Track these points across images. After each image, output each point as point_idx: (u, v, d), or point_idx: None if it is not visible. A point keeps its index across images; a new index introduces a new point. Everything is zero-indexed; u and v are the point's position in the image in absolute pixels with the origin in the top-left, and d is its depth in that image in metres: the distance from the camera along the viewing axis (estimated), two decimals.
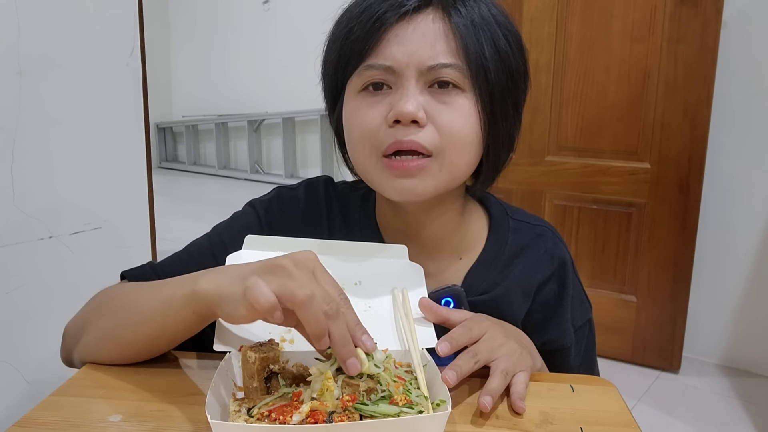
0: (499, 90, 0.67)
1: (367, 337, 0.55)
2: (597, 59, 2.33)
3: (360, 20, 0.66)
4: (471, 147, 0.67)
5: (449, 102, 0.66)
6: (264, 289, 0.51)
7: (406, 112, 0.63)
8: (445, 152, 0.66)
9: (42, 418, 0.57)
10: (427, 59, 0.64)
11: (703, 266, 2.41)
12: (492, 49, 0.66)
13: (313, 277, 0.54)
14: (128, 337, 0.65)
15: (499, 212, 0.81)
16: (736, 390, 2.25)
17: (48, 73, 1.32)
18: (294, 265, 0.54)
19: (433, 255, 0.77)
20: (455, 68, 0.65)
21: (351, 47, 0.67)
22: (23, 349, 1.34)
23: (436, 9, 0.66)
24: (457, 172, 0.68)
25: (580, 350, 0.82)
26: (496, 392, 0.59)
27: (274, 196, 0.82)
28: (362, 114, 0.67)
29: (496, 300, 0.75)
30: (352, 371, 0.53)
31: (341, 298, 0.55)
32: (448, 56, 0.65)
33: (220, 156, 7.18)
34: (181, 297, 0.60)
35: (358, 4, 0.68)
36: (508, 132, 0.70)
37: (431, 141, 0.65)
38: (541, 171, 2.51)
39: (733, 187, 2.35)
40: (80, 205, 1.42)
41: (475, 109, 0.66)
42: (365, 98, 0.67)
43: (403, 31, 0.65)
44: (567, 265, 0.80)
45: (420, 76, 0.65)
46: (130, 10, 1.48)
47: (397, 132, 0.65)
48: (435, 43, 0.64)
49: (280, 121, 6.25)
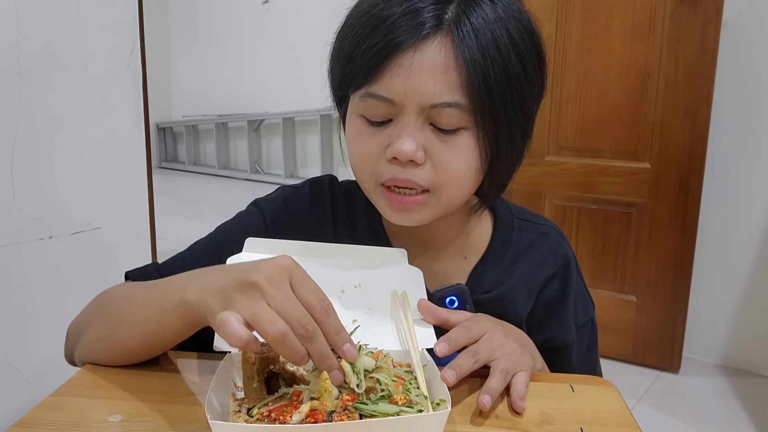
0: (506, 123, 0.65)
1: (349, 347, 0.53)
2: (597, 59, 2.33)
3: (367, 44, 0.62)
4: (470, 182, 0.67)
5: (450, 141, 0.64)
6: (235, 327, 0.49)
7: (404, 152, 0.62)
8: (443, 189, 0.66)
9: (42, 418, 0.57)
10: (430, 96, 0.61)
11: (703, 266, 2.41)
12: (501, 80, 0.62)
13: (289, 291, 0.52)
14: (123, 342, 0.65)
15: (504, 211, 0.81)
16: (736, 390, 2.25)
17: (48, 73, 1.32)
18: (268, 282, 0.51)
19: (438, 255, 0.77)
20: (458, 108, 0.62)
21: (355, 70, 0.64)
22: (23, 349, 1.34)
23: (446, 36, 0.61)
24: (455, 202, 0.69)
25: (582, 349, 0.82)
26: (495, 391, 0.59)
27: (279, 195, 0.82)
28: (362, 142, 0.67)
29: (500, 298, 0.75)
30: (335, 383, 0.52)
31: (322, 306, 0.53)
32: (453, 93, 0.61)
33: (220, 156, 7.18)
34: (171, 307, 0.59)
35: (368, 14, 0.63)
36: (516, 153, 0.69)
37: (428, 179, 0.65)
38: (541, 171, 2.51)
39: (733, 187, 2.35)
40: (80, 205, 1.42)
41: (476, 146, 0.65)
42: (365, 126, 0.66)
43: (408, 61, 0.61)
44: (571, 263, 0.80)
45: (421, 111, 0.63)
46: (130, 10, 1.48)
47: (394, 169, 0.65)
48: (439, 78, 0.61)
49: (280, 121, 6.25)
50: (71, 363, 0.73)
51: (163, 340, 0.63)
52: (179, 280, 0.61)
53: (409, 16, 0.61)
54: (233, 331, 0.49)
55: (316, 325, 0.52)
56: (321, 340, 0.52)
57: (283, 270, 0.53)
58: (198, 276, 0.59)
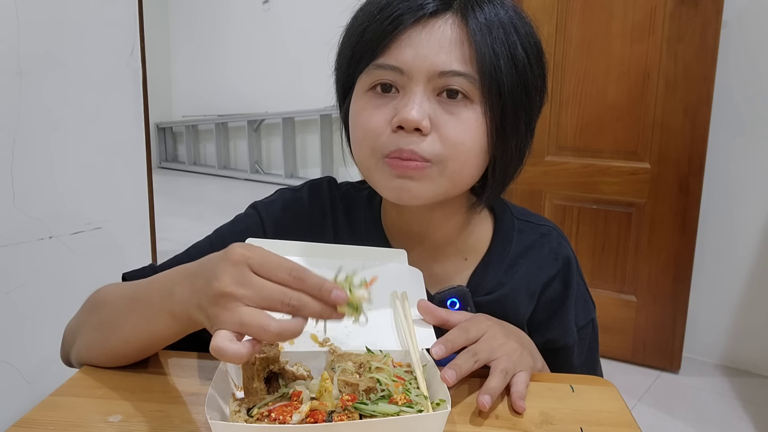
0: (512, 104, 0.65)
1: (336, 293, 0.51)
2: (597, 59, 2.33)
3: (376, 19, 0.65)
4: (475, 159, 0.66)
5: (456, 113, 0.64)
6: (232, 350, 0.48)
7: (410, 119, 0.62)
8: (447, 161, 0.65)
9: (42, 418, 0.57)
10: (440, 65, 0.63)
11: (703, 266, 2.41)
12: (508, 62, 0.64)
13: (257, 282, 0.51)
14: (118, 349, 0.65)
15: (504, 212, 0.81)
16: (736, 390, 2.25)
17: (48, 73, 1.32)
18: (235, 284, 0.50)
19: (438, 256, 0.77)
20: (467, 78, 0.63)
21: (364, 45, 0.66)
22: (23, 349, 1.34)
23: (455, 14, 0.64)
24: (458, 180, 0.67)
25: (583, 349, 0.82)
26: (495, 391, 0.59)
27: (278, 197, 0.82)
28: (367, 115, 0.67)
29: (501, 300, 0.75)
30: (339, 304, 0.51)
31: (293, 275, 0.51)
32: (462, 64, 0.63)
33: (220, 156, 7.18)
34: (161, 318, 0.59)
35: (376, 2, 0.66)
36: (519, 147, 0.69)
37: (432, 150, 0.64)
38: (540, 171, 2.51)
39: (733, 187, 2.35)
40: (80, 205, 1.42)
41: (483, 122, 0.64)
42: (372, 99, 0.67)
43: (417, 34, 0.63)
44: (572, 264, 0.80)
45: (429, 81, 0.63)
46: (130, 10, 1.48)
47: (399, 139, 0.64)
48: (449, 50, 0.63)
49: (280, 121, 6.25)
50: (68, 364, 0.73)
51: (158, 344, 0.64)
52: (159, 290, 0.60)
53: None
54: (232, 354, 0.48)
55: (299, 294, 0.51)
56: (309, 303, 0.51)
57: (239, 265, 0.51)
58: (174, 286, 0.58)
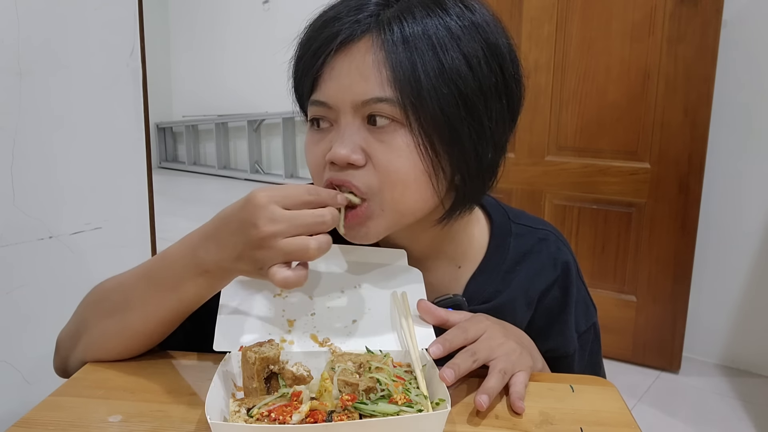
0: (445, 121, 0.61)
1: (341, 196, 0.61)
2: (597, 59, 2.33)
3: (306, 54, 0.65)
4: (415, 184, 0.63)
5: (387, 140, 0.61)
6: (295, 274, 0.56)
7: (338, 156, 0.61)
8: (383, 193, 0.62)
9: (42, 418, 0.57)
10: (360, 93, 0.61)
11: (703, 266, 2.41)
12: (437, 75, 0.60)
13: (287, 214, 0.55)
14: (138, 327, 0.66)
15: (501, 216, 0.79)
16: (736, 390, 2.25)
17: (48, 73, 1.32)
18: (270, 223, 0.55)
19: (429, 266, 0.75)
20: (388, 102, 0.60)
21: (298, 82, 0.68)
22: (23, 349, 1.34)
23: (373, 36, 0.61)
24: (405, 209, 0.64)
25: (585, 355, 0.81)
26: (493, 391, 0.59)
27: None
28: (309, 150, 0.67)
29: (498, 308, 0.73)
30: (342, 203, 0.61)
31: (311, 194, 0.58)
32: (381, 89, 0.60)
33: (220, 156, 7.18)
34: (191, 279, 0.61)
35: (305, 37, 0.67)
36: (478, 158, 0.64)
37: (367, 181, 0.62)
38: (540, 171, 2.51)
39: (733, 187, 2.35)
40: (80, 205, 1.42)
41: (415, 145, 0.61)
42: (312, 134, 0.67)
43: (340, 64, 0.62)
44: (571, 269, 0.78)
45: (356, 112, 0.62)
46: (130, 10, 1.47)
47: (336, 175, 0.63)
48: (368, 75, 0.60)
49: (280, 121, 6.25)
50: (62, 374, 0.73)
51: (185, 311, 0.65)
52: (180, 259, 0.62)
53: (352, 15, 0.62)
54: (296, 279, 0.56)
55: (321, 210, 0.57)
56: (333, 211, 0.58)
57: (269, 206, 0.56)
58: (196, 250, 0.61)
